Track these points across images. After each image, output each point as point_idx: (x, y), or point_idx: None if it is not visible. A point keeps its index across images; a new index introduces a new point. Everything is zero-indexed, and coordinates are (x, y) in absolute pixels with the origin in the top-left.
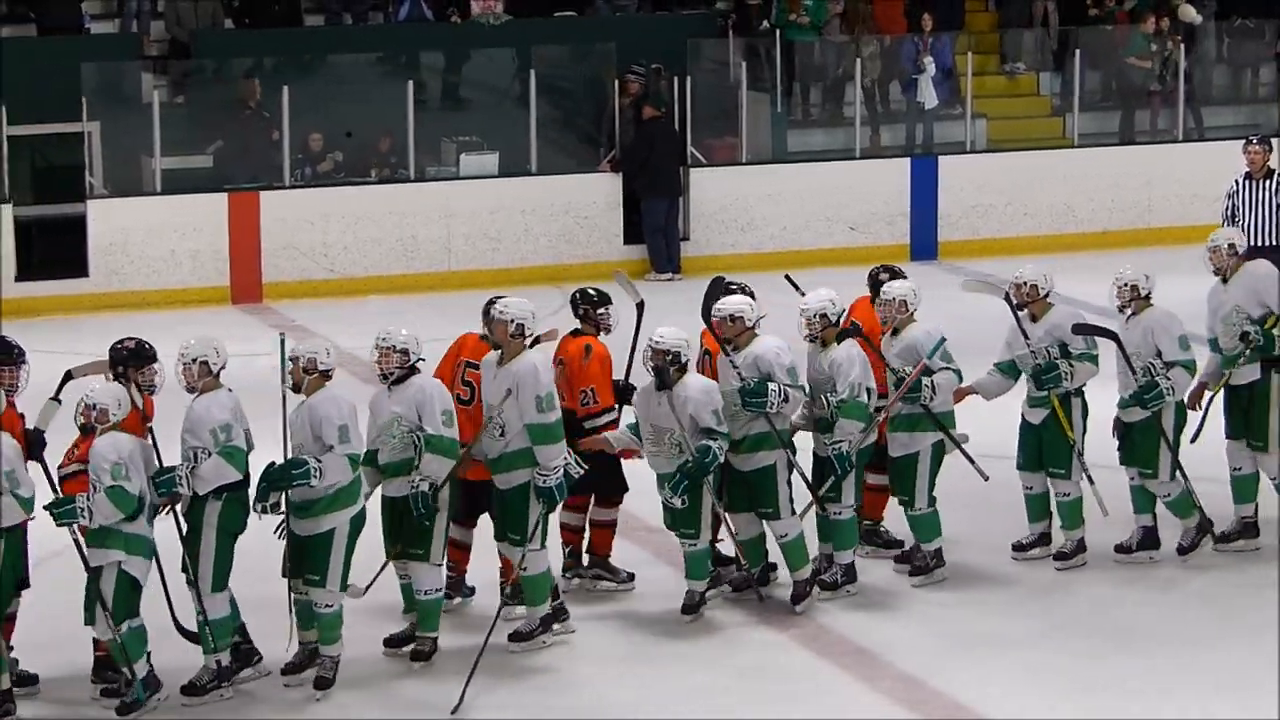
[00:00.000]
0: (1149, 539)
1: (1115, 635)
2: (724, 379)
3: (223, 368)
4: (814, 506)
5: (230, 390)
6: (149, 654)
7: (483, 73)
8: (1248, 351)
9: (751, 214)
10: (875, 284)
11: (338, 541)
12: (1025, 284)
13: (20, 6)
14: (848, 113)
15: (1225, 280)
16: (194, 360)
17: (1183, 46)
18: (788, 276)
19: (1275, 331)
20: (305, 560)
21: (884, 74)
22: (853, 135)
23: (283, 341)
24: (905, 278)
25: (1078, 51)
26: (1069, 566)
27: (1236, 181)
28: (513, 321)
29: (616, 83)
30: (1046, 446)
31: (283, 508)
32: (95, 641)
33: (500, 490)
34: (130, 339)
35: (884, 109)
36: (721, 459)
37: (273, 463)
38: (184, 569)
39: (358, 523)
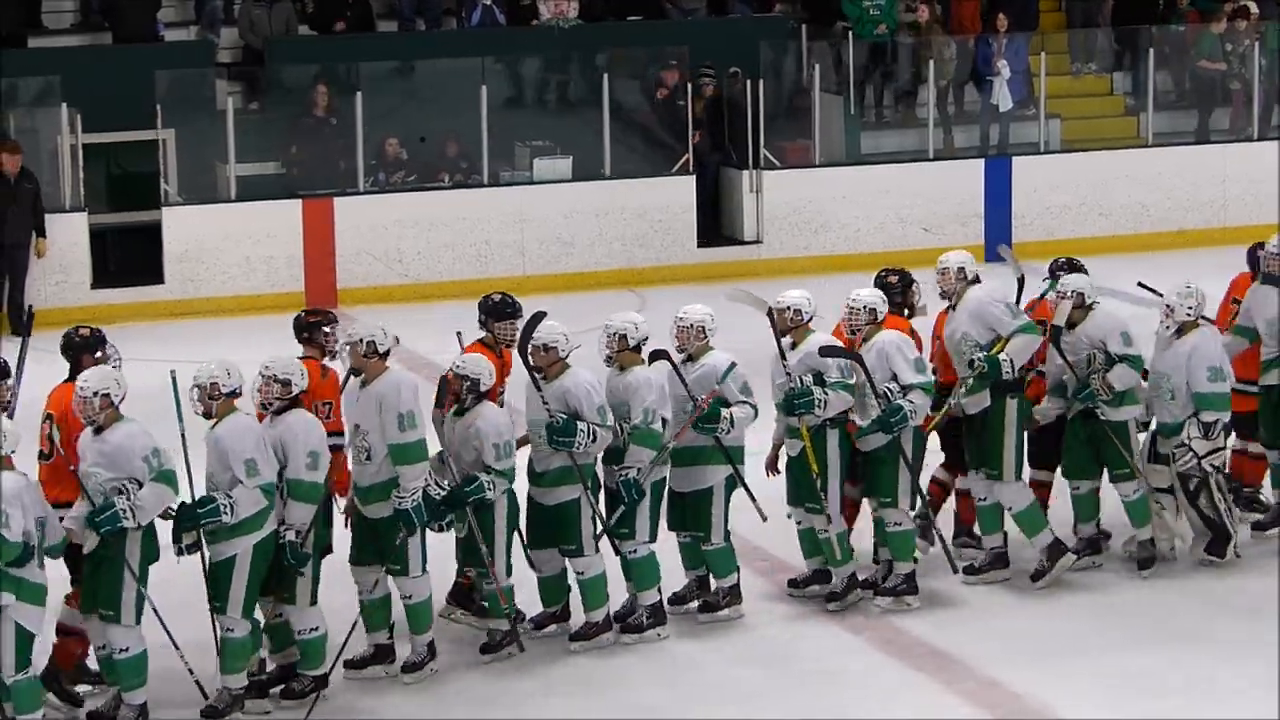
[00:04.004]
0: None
1: (1190, 639)
2: (531, 409)
3: (122, 399)
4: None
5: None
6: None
7: (556, 77)
8: (971, 381)
9: (825, 216)
10: (1253, 260)
11: (239, 568)
12: (787, 309)
13: (95, 15)
14: (921, 114)
15: (953, 306)
16: (95, 394)
17: (1258, 45)
18: (1142, 284)
19: (1001, 356)
20: (210, 586)
21: (957, 75)
22: (926, 136)
23: (174, 378)
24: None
25: (1150, 51)
26: (844, 606)
27: None
28: (362, 341)
29: (689, 85)
30: (800, 481)
31: (200, 548)
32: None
33: (371, 521)
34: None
35: (957, 110)
36: (490, 494)
37: (184, 503)
38: (103, 605)
39: (263, 549)
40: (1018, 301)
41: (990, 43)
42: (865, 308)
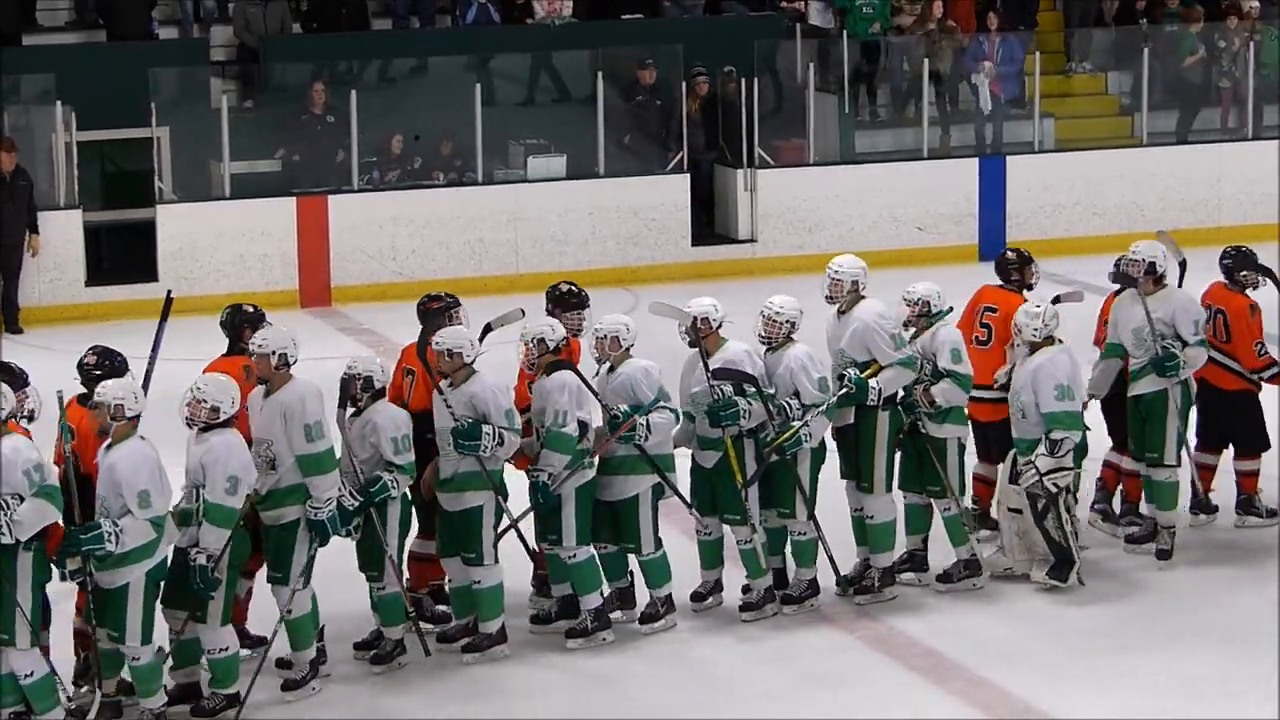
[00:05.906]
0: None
1: (1181, 637)
2: (438, 417)
3: (12, 415)
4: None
5: (27, 433)
6: None
7: (550, 75)
8: (836, 395)
9: (819, 215)
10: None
11: (133, 596)
12: (695, 317)
13: (90, 13)
14: (915, 113)
15: (841, 313)
16: None
17: (1252, 43)
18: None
19: (871, 384)
20: (104, 613)
21: (952, 74)
22: (920, 136)
23: (59, 397)
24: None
25: (1145, 50)
26: (759, 617)
27: None
28: (274, 353)
29: (684, 84)
30: (720, 492)
31: (85, 573)
32: None
33: (267, 528)
34: None
35: (952, 109)
36: (394, 491)
37: (70, 528)
38: None
39: (155, 576)
40: (1179, 282)
41: (984, 41)
42: (787, 320)
